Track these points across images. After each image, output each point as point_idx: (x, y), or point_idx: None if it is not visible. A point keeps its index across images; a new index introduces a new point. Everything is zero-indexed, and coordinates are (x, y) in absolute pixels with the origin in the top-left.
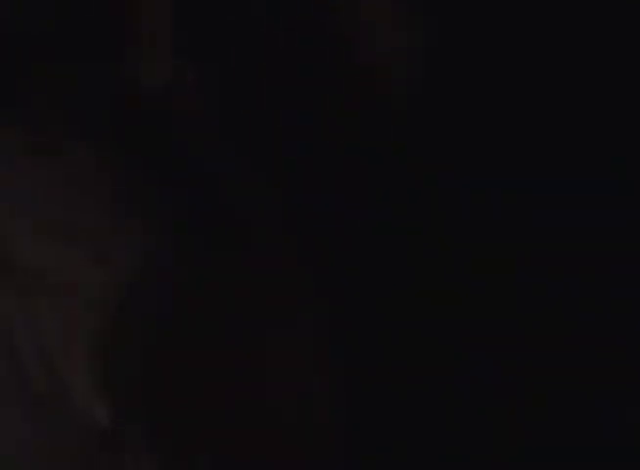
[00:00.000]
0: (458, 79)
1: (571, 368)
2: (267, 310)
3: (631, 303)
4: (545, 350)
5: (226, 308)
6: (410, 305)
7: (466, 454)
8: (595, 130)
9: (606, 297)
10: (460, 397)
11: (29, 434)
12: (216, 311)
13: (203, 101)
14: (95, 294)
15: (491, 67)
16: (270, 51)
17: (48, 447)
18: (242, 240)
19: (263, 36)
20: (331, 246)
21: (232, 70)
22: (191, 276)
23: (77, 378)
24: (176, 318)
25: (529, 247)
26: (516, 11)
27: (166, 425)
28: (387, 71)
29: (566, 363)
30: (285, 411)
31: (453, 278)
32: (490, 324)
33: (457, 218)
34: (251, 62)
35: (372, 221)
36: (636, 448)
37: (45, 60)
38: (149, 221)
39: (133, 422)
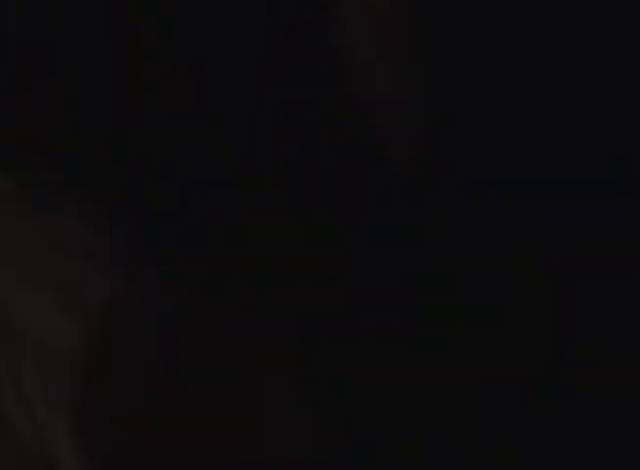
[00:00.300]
0: (459, 80)
1: (570, 368)
2: (256, 345)
3: (631, 302)
4: (545, 349)
5: (209, 351)
6: (410, 305)
7: (465, 456)
8: (595, 130)
9: (606, 296)
10: (460, 396)
11: None
12: (199, 354)
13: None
14: (64, 343)
15: (491, 65)
16: (270, 51)
17: None
18: (221, 281)
19: (263, 36)
20: (330, 247)
21: (232, 71)
22: (166, 320)
23: (59, 432)
24: (156, 362)
25: (529, 247)
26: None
27: None
28: (387, 72)
29: (565, 363)
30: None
31: (453, 278)
32: (490, 324)
33: (457, 218)
34: (251, 62)
35: (371, 221)
36: (636, 448)
37: (44, 63)
38: (117, 268)
39: None
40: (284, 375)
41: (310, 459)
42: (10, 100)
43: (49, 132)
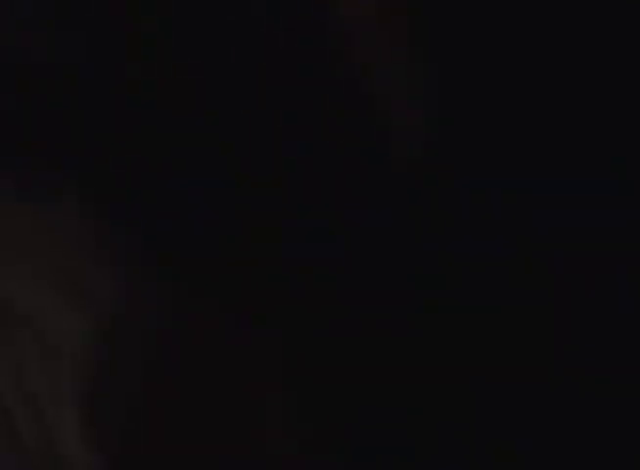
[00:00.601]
0: (459, 80)
1: (570, 368)
2: (256, 345)
3: (632, 303)
4: (544, 349)
5: (209, 351)
6: (409, 305)
7: (464, 456)
8: (595, 130)
9: (606, 296)
10: (459, 396)
11: None
12: (198, 354)
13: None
14: (75, 340)
15: (492, 65)
16: (270, 51)
17: None
18: (221, 281)
19: (263, 36)
20: (330, 247)
21: (232, 71)
22: (166, 320)
23: (67, 429)
24: (162, 361)
25: (529, 247)
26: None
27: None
28: (387, 72)
29: (565, 363)
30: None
31: (453, 279)
32: (489, 324)
33: (457, 218)
34: (251, 62)
35: (371, 221)
36: (636, 449)
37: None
38: (118, 268)
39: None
40: (283, 375)
41: (309, 460)
42: (9, 100)
43: (49, 133)
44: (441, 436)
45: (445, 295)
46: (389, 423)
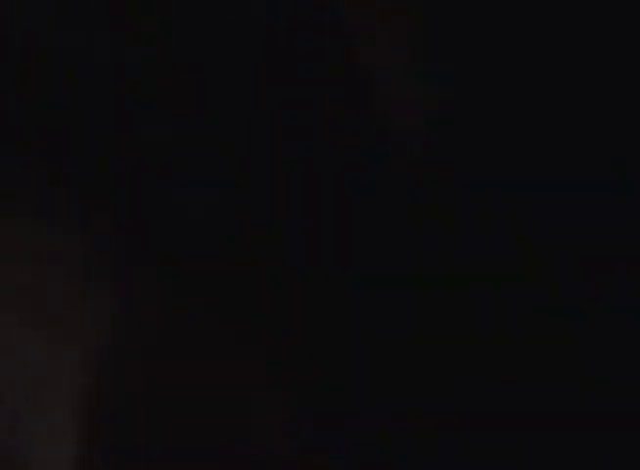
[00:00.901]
0: (459, 80)
1: (570, 369)
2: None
3: (632, 304)
4: (544, 349)
5: (212, 351)
6: (409, 305)
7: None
8: (595, 130)
9: (606, 297)
10: (457, 397)
11: None
12: (202, 354)
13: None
14: (67, 375)
15: (492, 65)
16: (270, 51)
17: None
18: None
19: (263, 36)
20: (329, 247)
21: (232, 71)
22: (173, 320)
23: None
24: (161, 360)
25: (530, 247)
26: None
27: None
28: (387, 72)
29: (566, 364)
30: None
31: (453, 279)
32: (490, 324)
33: (457, 219)
34: (251, 62)
35: (371, 222)
36: (636, 448)
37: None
38: (128, 266)
39: None
40: (283, 376)
41: (309, 460)
42: (8, 99)
43: (48, 133)
44: (441, 436)
45: (445, 295)
46: (390, 423)
